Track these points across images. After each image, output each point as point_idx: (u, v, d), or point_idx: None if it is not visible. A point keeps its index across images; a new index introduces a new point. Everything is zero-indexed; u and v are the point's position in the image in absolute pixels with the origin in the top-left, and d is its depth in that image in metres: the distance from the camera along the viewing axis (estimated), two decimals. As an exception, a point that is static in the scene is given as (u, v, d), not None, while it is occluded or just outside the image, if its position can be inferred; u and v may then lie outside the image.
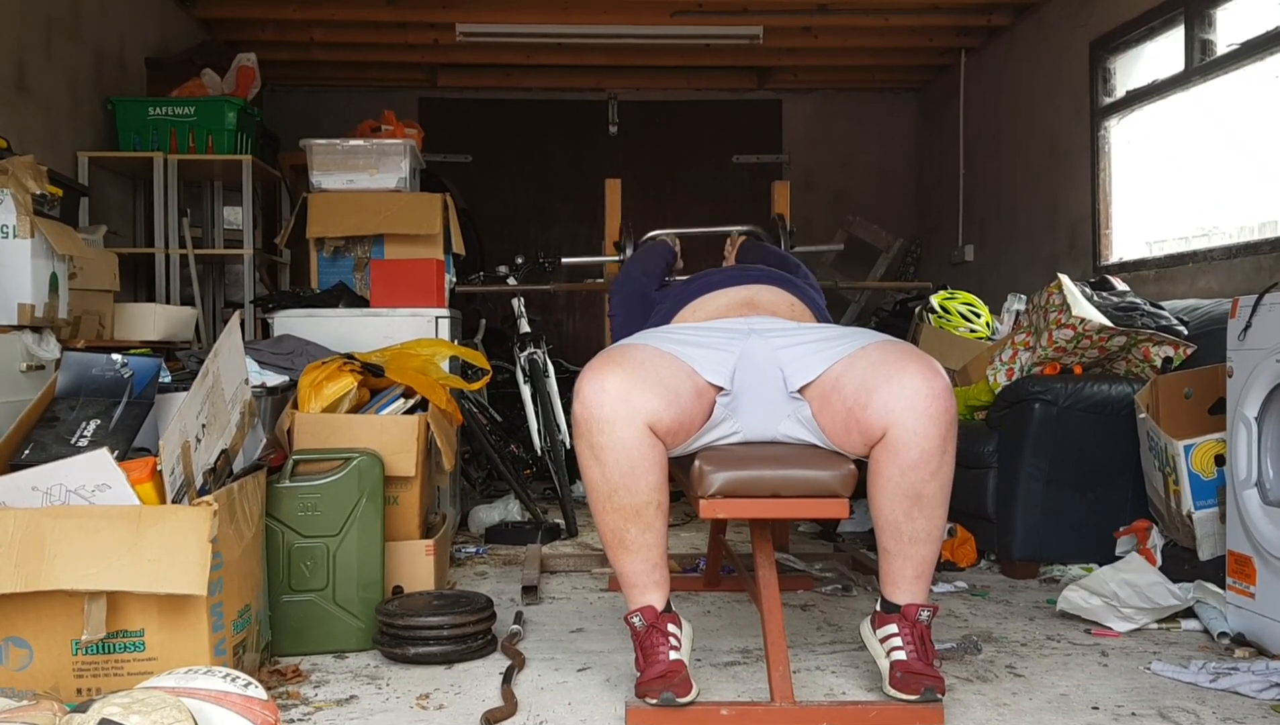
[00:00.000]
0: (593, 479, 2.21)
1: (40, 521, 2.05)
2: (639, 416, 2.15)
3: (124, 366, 2.45)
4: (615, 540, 2.24)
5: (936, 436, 2.16)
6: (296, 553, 2.65)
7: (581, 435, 2.20)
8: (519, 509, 4.45)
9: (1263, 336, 2.65)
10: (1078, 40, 5.40)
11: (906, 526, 2.23)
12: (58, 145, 4.45)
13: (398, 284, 4.02)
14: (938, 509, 2.23)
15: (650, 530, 2.22)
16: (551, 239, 7.48)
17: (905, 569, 2.27)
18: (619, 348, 2.35)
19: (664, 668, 2.17)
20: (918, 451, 2.16)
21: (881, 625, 2.30)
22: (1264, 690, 2.32)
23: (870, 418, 2.18)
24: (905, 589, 2.28)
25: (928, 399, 2.15)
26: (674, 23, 6.05)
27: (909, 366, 2.18)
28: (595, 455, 2.18)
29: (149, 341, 3.69)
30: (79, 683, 2.11)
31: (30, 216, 2.90)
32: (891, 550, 2.27)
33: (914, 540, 2.24)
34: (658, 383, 2.20)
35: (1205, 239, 4.45)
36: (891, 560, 2.28)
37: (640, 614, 2.24)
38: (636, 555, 2.23)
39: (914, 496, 2.20)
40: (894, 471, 2.19)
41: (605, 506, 2.21)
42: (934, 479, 2.19)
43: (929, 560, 2.28)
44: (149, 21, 5.39)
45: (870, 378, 2.20)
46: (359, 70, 7.14)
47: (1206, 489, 3.01)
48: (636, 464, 2.16)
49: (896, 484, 2.19)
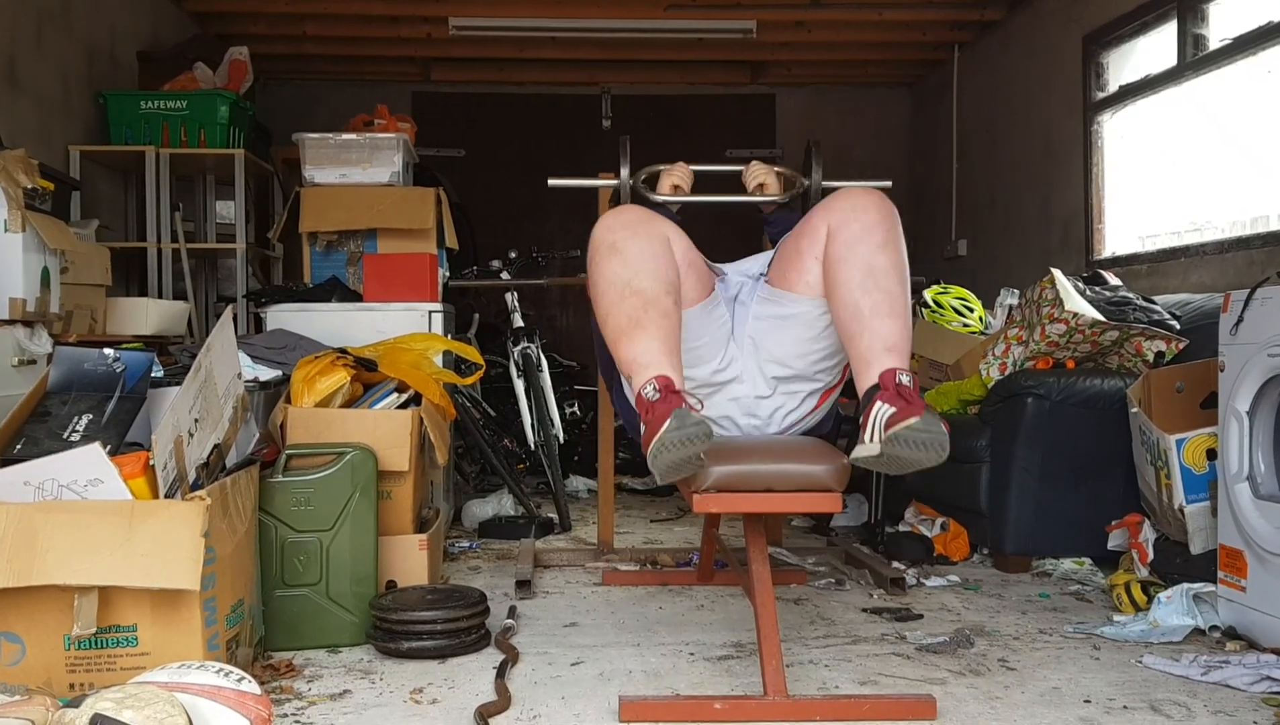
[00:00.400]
0: (611, 271, 2.20)
1: (33, 516, 2.05)
2: (658, 229, 2.25)
3: (116, 361, 2.44)
4: (631, 323, 2.14)
5: (874, 211, 2.25)
6: (290, 547, 2.64)
7: (599, 246, 2.23)
8: (512, 504, 4.45)
9: (1254, 331, 2.66)
10: (1071, 35, 5.40)
11: (865, 300, 2.18)
12: (49, 139, 4.43)
13: (391, 278, 4.01)
14: (893, 282, 2.19)
15: (668, 317, 2.16)
16: (545, 234, 7.46)
17: (874, 343, 2.13)
18: None
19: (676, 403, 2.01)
20: (860, 225, 2.23)
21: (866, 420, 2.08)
22: (1255, 683, 2.33)
23: (814, 225, 2.31)
24: (877, 363, 2.11)
25: (860, 192, 2.29)
26: (667, 17, 6.04)
27: (842, 190, 2.36)
28: (617, 248, 2.20)
29: (141, 336, 3.68)
30: (72, 678, 2.11)
31: (22, 211, 2.89)
32: (855, 331, 2.16)
33: (875, 313, 2.16)
34: (671, 228, 2.33)
35: (1197, 234, 4.46)
36: (857, 342, 2.16)
37: (655, 382, 2.06)
38: (653, 334, 2.13)
39: (866, 268, 2.20)
40: (841, 250, 2.23)
41: (624, 292, 2.17)
42: (883, 251, 2.22)
43: (897, 334, 2.14)
44: (141, 15, 5.37)
45: (812, 215, 2.38)
46: (352, 64, 7.12)
47: (1198, 483, 3.02)
48: (659, 252, 2.21)
49: (845, 259, 2.22)
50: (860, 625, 2.89)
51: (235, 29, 6.09)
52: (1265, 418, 2.68)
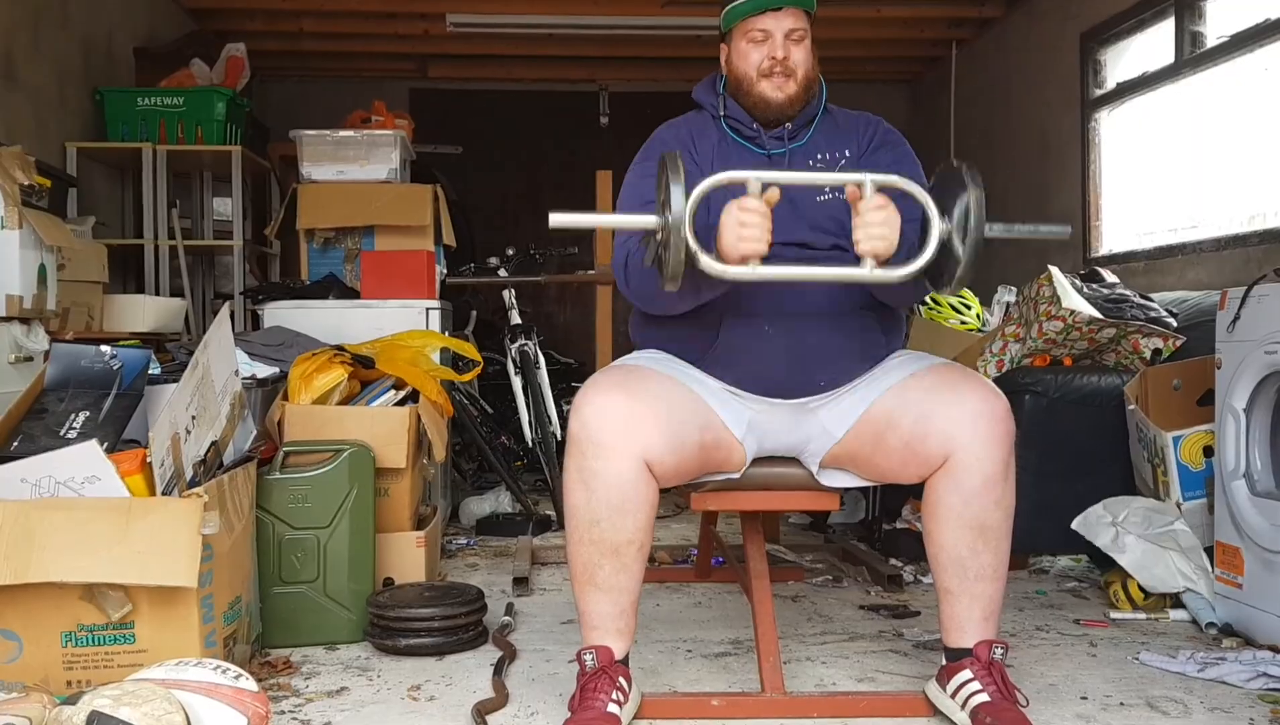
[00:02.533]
0: (575, 504, 2.03)
1: (29, 513, 2.05)
2: (638, 447, 1.98)
3: (113, 358, 2.44)
4: (585, 576, 2.05)
5: (1000, 460, 2.03)
6: (287, 545, 2.64)
7: (573, 456, 2.02)
8: (510, 501, 4.45)
9: (1251, 328, 2.66)
10: (1069, 32, 5.40)
11: (971, 562, 2.05)
12: (45, 136, 4.42)
13: (388, 275, 4.00)
14: (1003, 541, 2.07)
15: (626, 572, 2.03)
16: (542, 231, 7.31)
17: (973, 610, 2.08)
18: (631, 369, 2.15)
19: (595, 716, 1.97)
20: (980, 477, 2.02)
21: (952, 676, 2.08)
22: (1251, 680, 2.34)
23: (931, 447, 2.05)
24: (974, 631, 2.09)
25: (990, 421, 2.03)
26: (665, 14, 6.03)
27: (969, 389, 2.07)
28: (584, 480, 2.01)
29: (138, 333, 3.67)
30: (69, 675, 2.11)
31: (18, 207, 2.89)
32: (955, 590, 2.08)
33: (980, 577, 2.06)
34: (667, 423, 2.03)
35: (1195, 231, 4.46)
36: (956, 602, 2.09)
37: (594, 652, 2.05)
38: (606, 597, 2.05)
39: (978, 527, 2.04)
40: (956, 500, 2.04)
41: (582, 537, 2.03)
42: (999, 507, 2.05)
43: (996, 600, 2.09)
44: (137, 11, 5.36)
45: (926, 405, 2.07)
46: (349, 61, 7.11)
47: (1195, 480, 3.02)
48: (627, 499, 1.99)
49: (959, 514, 2.04)
50: (857, 622, 2.89)
51: (232, 25, 6.08)
52: (1262, 415, 2.68)
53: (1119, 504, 3.09)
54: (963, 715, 2.04)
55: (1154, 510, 3.04)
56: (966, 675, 2.05)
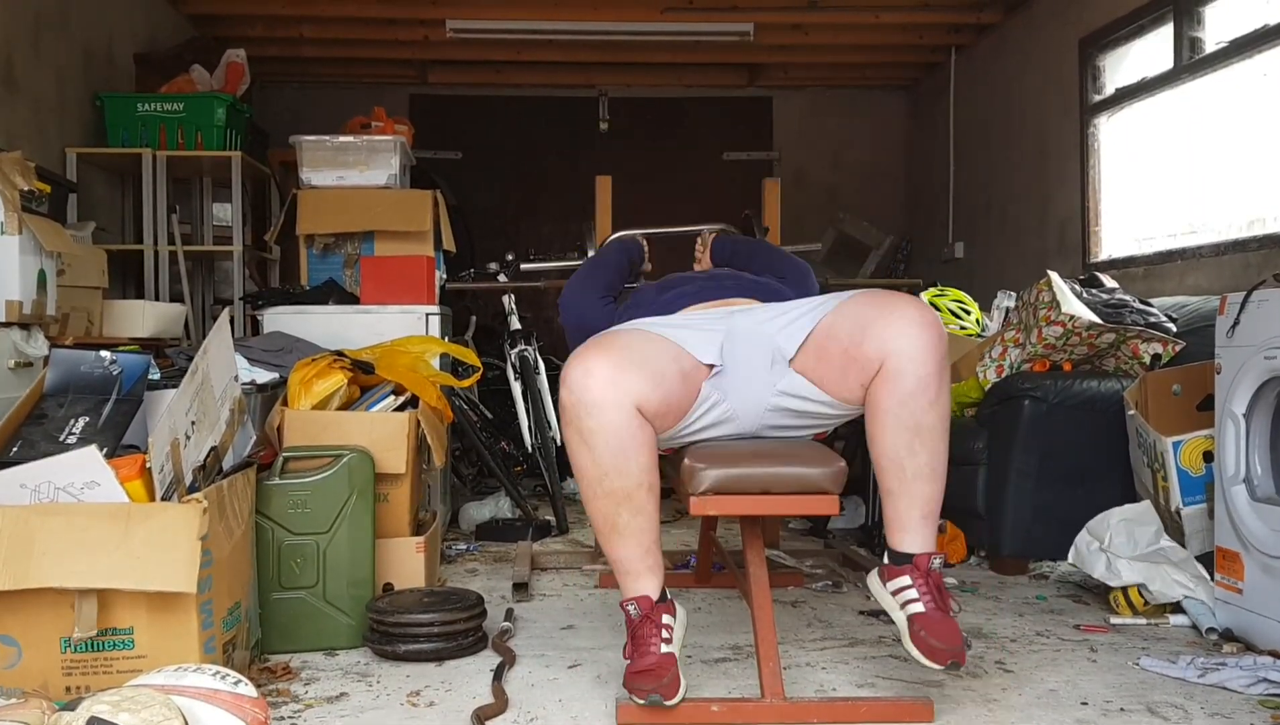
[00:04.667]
0: (582, 465, 2.19)
1: (29, 519, 2.04)
2: (627, 398, 2.14)
3: (113, 363, 2.44)
4: (607, 526, 2.21)
5: (933, 362, 2.17)
6: (286, 550, 2.64)
7: (569, 421, 2.18)
8: (509, 506, 4.45)
9: (1251, 333, 2.66)
10: (1068, 38, 5.41)
11: (909, 461, 2.20)
12: (46, 141, 4.43)
13: (388, 281, 4.01)
14: (939, 442, 2.21)
15: (641, 513, 2.19)
16: (542, 236, 7.46)
17: (912, 510, 2.22)
18: (605, 334, 2.36)
19: (654, 660, 2.15)
20: (914, 378, 2.16)
21: (893, 578, 2.24)
22: (1252, 685, 2.34)
23: (867, 350, 2.20)
24: (914, 533, 2.23)
25: (920, 326, 2.18)
26: (665, 19, 6.04)
27: (900, 301, 2.24)
28: (584, 440, 2.16)
29: (138, 338, 3.67)
30: (68, 681, 2.10)
31: (18, 213, 2.89)
32: (896, 490, 2.23)
33: (917, 476, 2.20)
34: (644, 364, 2.22)
35: (1194, 236, 4.47)
36: (897, 501, 2.24)
37: (636, 603, 2.21)
38: (629, 540, 2.21)
39: (914, 427, 2.18)
40: (893, 402, 2.18)
41: (595, 492, 2.19)
42: (933, 408, 2.19)
43: (934, 499, 2.24)
44: (138, 17, 5.37)
45: (863, 316, 2.24)
46: (349, 66, 7.12)
47: (1195, 485, 3.02)
48: (626, 446, 2.15)
49: (896, 415, 2.18)
50: (857, 628, 2.89)
51: (232, 31, 6.09)
52: (1262, 420, 2.68)
53: (1099, 525, 3.08)
54: (900, 615, 2.21)
55: (1133, 522, 3.04)
56: (906, 582, 2.21)
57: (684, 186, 7.63)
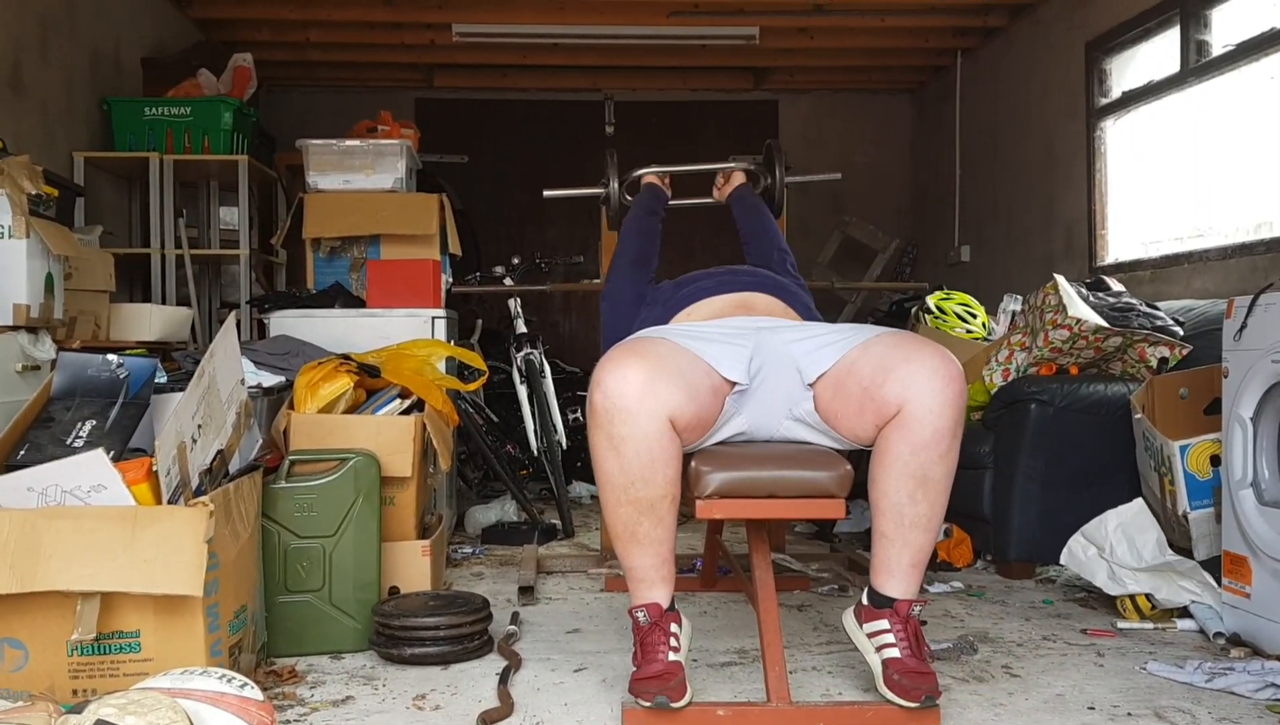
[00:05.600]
0: (609, 471, 2.16)
1: (36, 522, 2.05)
2: (662, 408, 2.12)
3: (120, 367, 2.45)
4: (627, 534, 2.20)
5: (950, 417, 2.15)
6: (292, 553, 2.64)
7: (600, 426, 2.14)
8: (515, 509, 4.45)
9: (1258, 337, 2.66)
10: (1074, 41, 5.41)
11: (909, 509, 2.19)
12: (53, 145, 4.44)
13: (394, 284, 4.01)
14: (941, 496, 2.20)
15: (662, 525, 2.19)
16: (547, 240, 7.47)
17: (902, 556, 2.21)
18: (639, 340, 2.33)
19: (661, 668, 2.15)
20: (930, 429, 2.14)
21: (870, 620, 2.24)
22: (1259, 690, 2.33)
23: (887, 394, 2.17)
24: (899, 580, 2.22)
25: (944, 379, 2.15)
26: (670, 23, 6.04)
27: (927, 349, 2.21)
28: (614, 446, 2.13)
29: (145, 342, 3.68)
30: (75, 684, 2.11)
31: (26, 217, 2.90)
32: (890, 535, 2.22)
33: (915, 525, 2.19)
34: (679, 376, 2.19)
35: (1201, 239, 4.46)
36: (889, 546, 2.22)
37: (646, 610, 2.21)
38: (648, 550, 2.20)
39: (920, 478, 2.17)
40: (904, 449, 2.16)
41: (620, 498, 2.17)
42: (942, 462, 2.17)
43: (926, 550, 2.23)
44: (145, 21, 5.39)
45: (887, 358, 2.22)
46: (355, 70, 7.13)
47: (1202, 489, 3.01)
48: (656, 457, 2.13)
49: (905, 463, 2.16)
50: (863, 632, 2.88)
51: (239, 36, 6.10)
52: (1269, 424, 2.68)
53: (1096, 530, 3.07)
54: (875, 658, 2.22)
55: (1131, 527, 3.02)
56: (884, 625, 2.21)
57: (689, 189, 7.62)
